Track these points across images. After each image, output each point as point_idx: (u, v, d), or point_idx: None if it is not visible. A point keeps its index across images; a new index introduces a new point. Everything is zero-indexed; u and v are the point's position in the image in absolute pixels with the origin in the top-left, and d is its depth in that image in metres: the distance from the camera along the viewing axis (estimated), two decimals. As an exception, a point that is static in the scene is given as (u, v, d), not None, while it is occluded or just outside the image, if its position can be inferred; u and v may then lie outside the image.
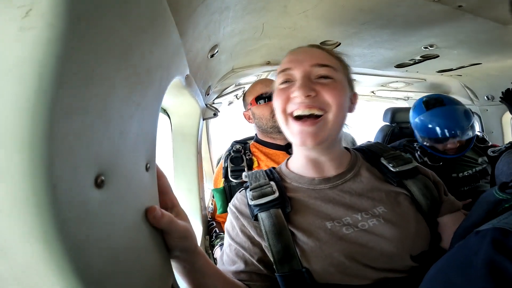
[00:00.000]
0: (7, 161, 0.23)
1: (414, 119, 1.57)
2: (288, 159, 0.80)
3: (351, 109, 0.74)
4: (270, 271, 0.65)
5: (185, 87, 0.88)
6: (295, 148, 0.74)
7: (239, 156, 1.36)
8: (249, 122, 1.49)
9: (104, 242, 0.31)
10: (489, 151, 1.62)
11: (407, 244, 0.61)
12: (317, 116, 0.64)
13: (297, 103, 0.64)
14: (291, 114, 0.66)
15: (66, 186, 0.25)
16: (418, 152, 1.55)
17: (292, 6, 0.94)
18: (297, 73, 0.66)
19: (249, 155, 1.37)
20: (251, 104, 1.39)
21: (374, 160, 0.76)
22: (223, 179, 1.35)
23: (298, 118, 0.65)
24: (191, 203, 1.49)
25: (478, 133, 1.66)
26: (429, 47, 1.36)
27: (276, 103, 0.68)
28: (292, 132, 0.66)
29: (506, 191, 0.47)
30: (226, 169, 1.34)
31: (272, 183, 0.71)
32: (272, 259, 0.63)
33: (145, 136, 0.43)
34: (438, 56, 1.50)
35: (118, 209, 0.34)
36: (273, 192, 0.68)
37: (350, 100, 0.72)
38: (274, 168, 0.80)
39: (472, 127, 1.47)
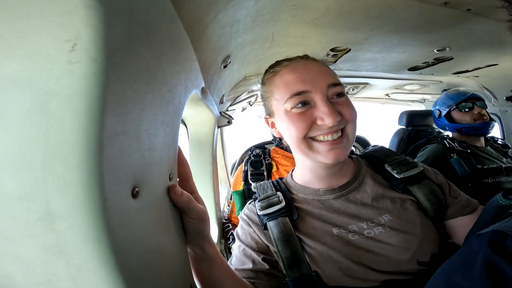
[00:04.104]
0: (69, 176, 0.27)
1: (438, 101, 1.77)
2: (292, 171, 0.83)
3: None
4: (275, 270, 0.68)
5: (201, 99, 0.92)
6: (302, 162, 0.74)
7: (259, 160, 1.41)
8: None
9: (139, 244, 0.35)
10: (510, 152, 1.60)
11: (413, 249, 0.62)
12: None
13: (325, 129, 0.62)
14: (313, 137, 0.65)
15: (111, 197, 0.30)
16: (447, 140, 1.64)
17: (300, 16, 0.97)
18: (316, 97, 0.63)
19: (268, 159, 1.41)
20: None
21: (378, 166, 0.77)
22: (242, 182, 1.39)
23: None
24: (207, 208, 1.53)
25: (500, 141, 1.76)
26: (442, 50, 1.34)
27: (294, 129, 0.64)
28: (320, 152, 0.64)
29: (509, 197, 0.47)
30: (246, 172, 1.39)
31: (278, 193, 0.74)
32: (282, 265, 0.66)
33: (168, 150, 0.48)
34: (452, 58, 1.47)
35: (149, 215, 0.39)
36: (280, 202, 0.71)
37: None
38: (281, 179, 0.83)
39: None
